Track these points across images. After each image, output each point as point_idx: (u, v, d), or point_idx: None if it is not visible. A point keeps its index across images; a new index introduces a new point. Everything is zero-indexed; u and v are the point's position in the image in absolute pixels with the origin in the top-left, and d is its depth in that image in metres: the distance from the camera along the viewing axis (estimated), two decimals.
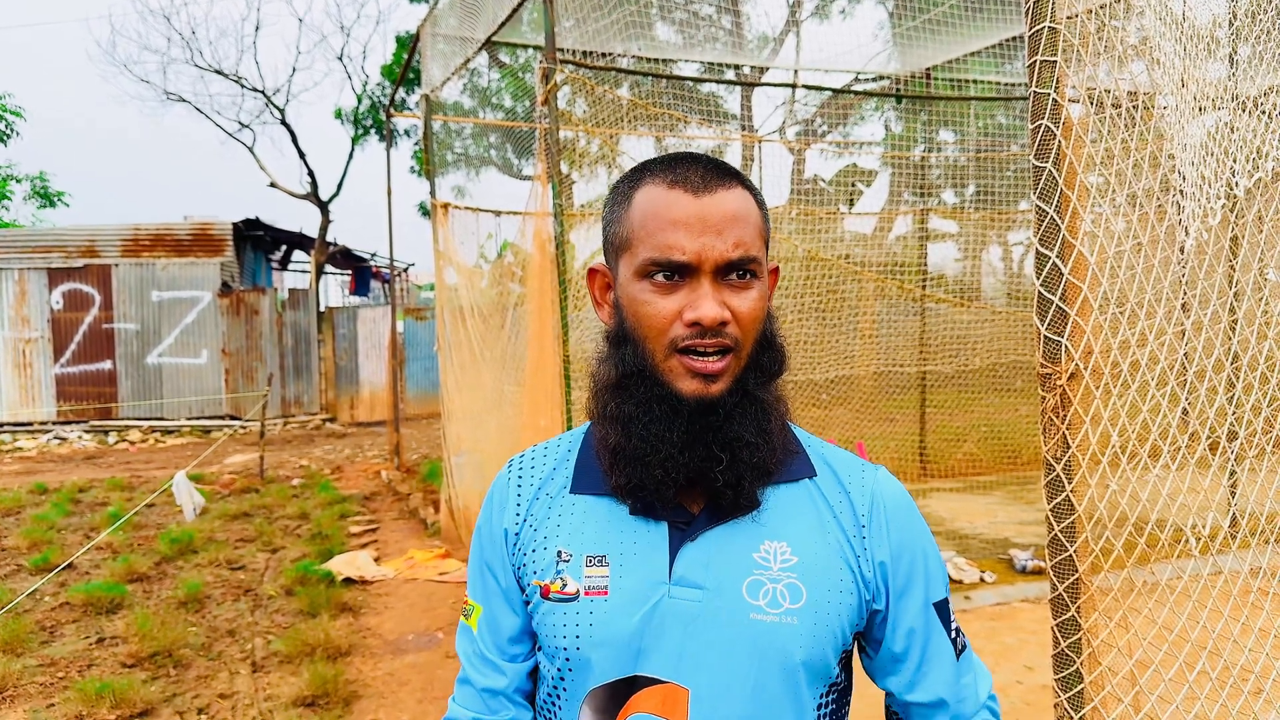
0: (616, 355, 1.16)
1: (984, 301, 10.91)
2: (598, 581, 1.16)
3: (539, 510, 1.24)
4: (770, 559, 1.15)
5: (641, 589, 1.14)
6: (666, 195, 1.11)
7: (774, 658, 1.12)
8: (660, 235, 1.10)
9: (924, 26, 8.69)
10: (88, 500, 10.27)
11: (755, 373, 1.15)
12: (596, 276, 1.23)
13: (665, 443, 1.12)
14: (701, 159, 1.15)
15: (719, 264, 1.09)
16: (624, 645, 1.14)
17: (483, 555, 1.29)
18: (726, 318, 1.09)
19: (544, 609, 1.19)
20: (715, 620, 1.12)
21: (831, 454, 1.26)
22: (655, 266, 1.10)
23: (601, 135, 7.15)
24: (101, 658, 5.40)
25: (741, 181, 1.15)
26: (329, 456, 13.95)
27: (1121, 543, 1.86)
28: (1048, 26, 1.76)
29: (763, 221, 1.17)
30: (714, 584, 1.13)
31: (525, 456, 1.32)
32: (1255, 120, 2.10)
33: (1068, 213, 1.77)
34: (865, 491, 1.22)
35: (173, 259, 17.36)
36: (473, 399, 7.76)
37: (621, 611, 1.14)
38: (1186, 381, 1.94)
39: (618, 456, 1.16)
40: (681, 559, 1.14)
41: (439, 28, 8.35)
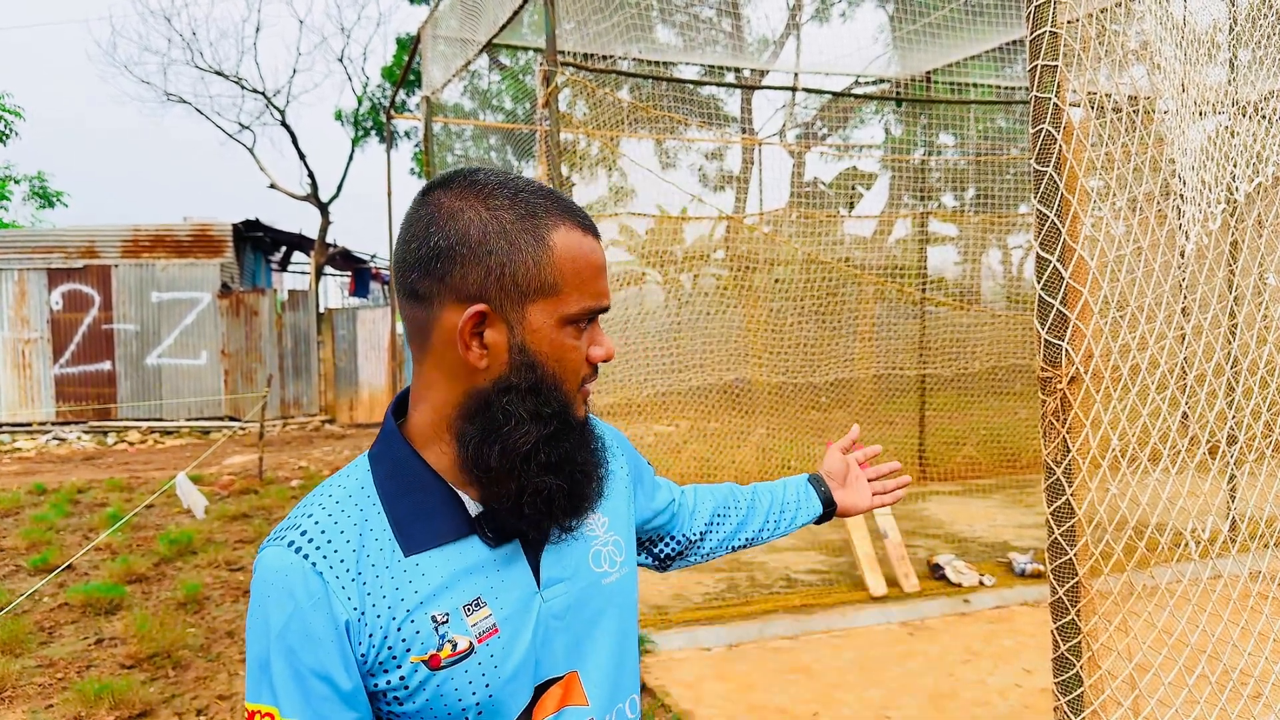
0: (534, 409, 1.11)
1: (984, 305, 10.92)
2: (485, 624, 1.12)
3: (374, 586, 1.09)
4: (596, 530, 1.29)
5: (523, 611, 1.15)
6: (586, 241, 1.14)
7: (626, 608, 1.30)
8: (594, 283, 1.13)
9: (924, 30, 8.70)
10: (87, 501, 10.26)
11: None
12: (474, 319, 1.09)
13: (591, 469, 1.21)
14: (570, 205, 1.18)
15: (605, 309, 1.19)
16: (528, 668, 1.15)
17: (297, 662, 1.07)
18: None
19: (436, 680, 1.09)
20: (583, 600, 1.22)
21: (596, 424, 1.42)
22: (588, 315, 1.13)
23: (602, 138, 7.15)
24: (100, 659, 5.39)
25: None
26: (328, 458, 13.94)
27: (1121, 546, 1.86)
28: (1049, 31, 1.77)
29: None
30: (571, 571, 1.22)
31: (305, 535, 1.10)
32: (1255, 125, 2.10)
33: (1068, 217, 1.77)
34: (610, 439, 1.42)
35: (172, 260, 17.36)
36: None
37: (516, 639, 1.14)
38: (1186, 385, 1.95)
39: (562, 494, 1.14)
40: (545, 565, 1.19)
41: (439, 30, 8.35)
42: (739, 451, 9.05)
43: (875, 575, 6.01)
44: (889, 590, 6.00)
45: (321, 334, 18.44)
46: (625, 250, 9.93)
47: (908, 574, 6.08)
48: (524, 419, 1.10)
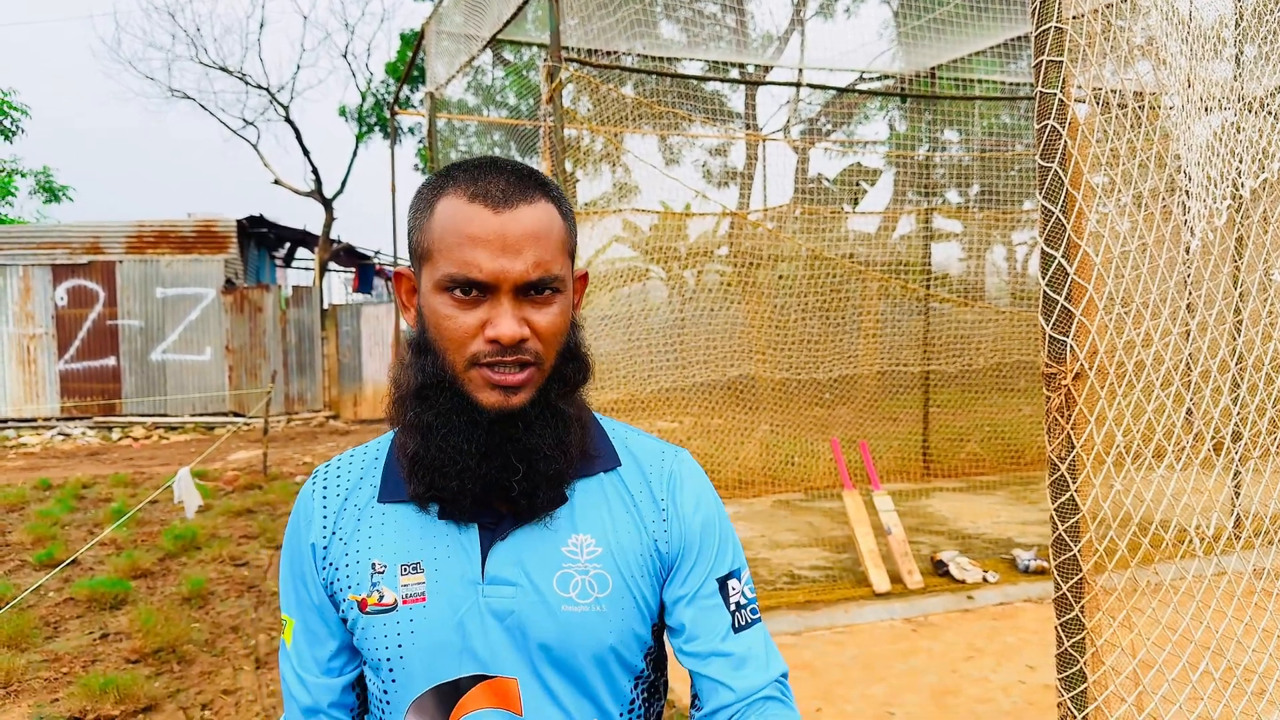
0: (418, 363, 1.17)
1: (988, 301, 10.91)
2: (415, 589, 1.17)
3: (346, 523, 1.23)
4: (578, 552, 1.19)
5: (457, 591, 1.17)
6: (466, 209, 1.11)
7: (588, 645, 1.17)
8: (459, 251, 1.10)
9: (929, 26, 8.69)
10: (91, 496, 10.28)
11: (558, 384, 1.18)
12: (403, 280, 1.22)
13: (462, 453, 1.13)
14: (506, 168, 1.14)
15: (517, 284, 1.10)
16: (446, 648, 1.16)
17: (292, 569, 1.26)
18: (525, 335, 1.11)
19: (363, 622, 1.19)
20: (530, 615, 1.16)
21: (635, 442, 1.31)
22: (453, 282, 1.11)
23: (606, 133, 7.15)
24: (105, 653, 5.41)
25: (546, 192, 1.15)
26: (332, 453, 13.96)
27: (1125, 543, 1.86)
28: (1054, 26, 1.76)
29: (566, 233, 1.17)
30: (526, 580, 1.17)
31: (330, 466, 1.30)
32: (1261, 120, 2.10)
33: (1073, 213, 1.77)
34: (664, 474, 1.27)
35: (177, 256, 17.38)
36: None
37: (441, 615, 1.16)
38: (1191, 382, 1.95)
39: (416, 464, 1.17)
40: (493, 558, 1.17)
41: (443, 25, 8.35)
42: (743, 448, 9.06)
43: (879, 571, 6.01)
44: (892, 587, 6.00)
45: (325, 330, 18.45)
46: (629, 246, 9.94)
47: (911, 570, 6.08)
48: (409, 366, 1.18)
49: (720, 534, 1.28)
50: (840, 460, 6.57)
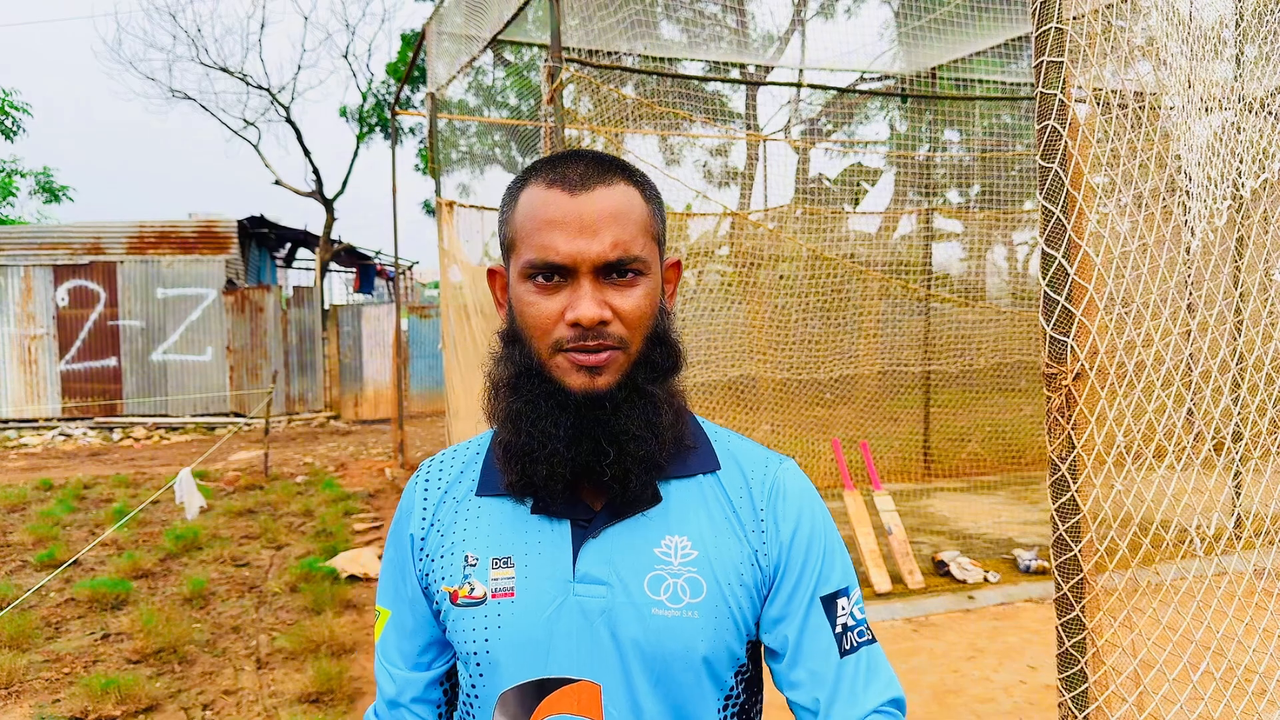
0: (508, 354, 1.18)
1: (988, 301, 10.90)
2: (504, 584, 1.16)
3: (445, 515, 1.25)
4: (671, 554, 1.15)
5: (547, 588, 1.15)
6: (544, 195, 1.11)
7: (678, 651, 1.12)
8: (537, 236, 1.10)
9: (929, 26, 8.69)
10: (92, 496, 10.29)
11: (645, 369, 1.14)
12: (496, 277, 1.24)
13: (551, 438, 1.12)
14: (585, 156, 1.15)
15: (596, 264, 1.09)
16: (533, 645, 1.14)
17: (392, 561, 1.29)
18: (606, 317, 1.09)
19: (454, 615, 1.19)
20: (620, 616, 1.13)
21: (738, 447, 1.26)
22: (534, 269, 1.11)
23: (606, 134, 7.15)
24: (107, 654, 5.41)
25: (627, 176, 1.14)
26: (333, 454, 13.97)
27: (1126, 543, 1.86)
28: (1054, 27, 1.76)
29: (650, 217, 1.16)
30: (617, 580, 1.14)
31: (435, 461, 1.32)
32: (1262, 121, 2.10)
33: (1074, 213, 1.77)
34: (766, 483, 1.21)
35: (178, 256, 17.38)
36: (476, 397, 7.77)
37: (529, 612, 1.15)
38: (1192, 382, 1.95)
39: (508, 453, 1.17)
40: (584, 556, 1.15)
41: (444, 26, 8.35)
42: None
43: (880, 571, 6.01)
44: (893, 587, 6.00)
45: (326, 330, 18.46)
46: None
47: (912, 570, 6.08)
48: (501, 359, 1.19)
49: (826, 549, 1.21)
50: (841, 460, 6.57)
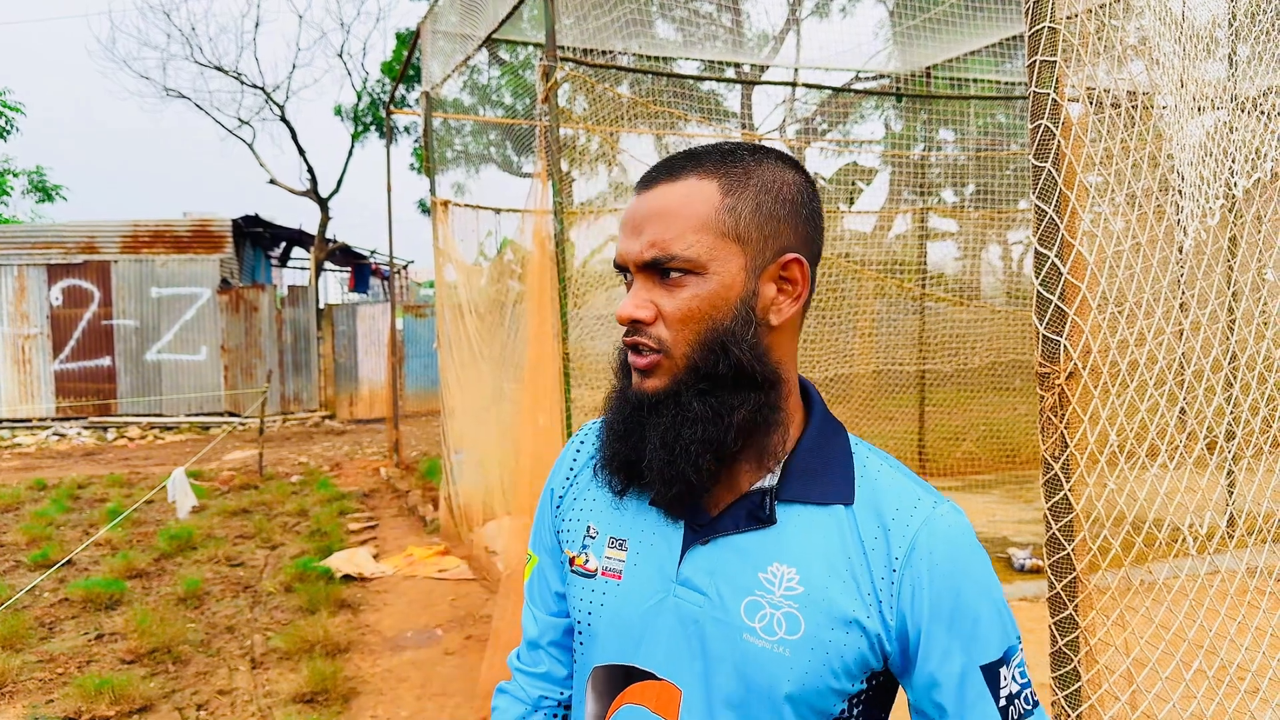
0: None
1: (983, 300, 10.92)
2: (615, 564, 1.17)
3: (584, 480, 1.27)
4: (775, 583, 1.08)
5: (651, 580, 1.14)
6: (635, 199, 1.11)
7: (760, 684, 1.07)
8: (620, 238, 1.11)
9: (924, 25, 8.69)
10: (87, 496, 10.27)
11: (695, 378, 1.07)
12: None
13: (611, 429, 1.14)
14: (683, 154, 1.10)
15: (637, 264, 1.07)
16: (628, 631, 1.14)
17: (539, 509, 1.34)
18: (639, 316, 1.06)
19: (569, 580, 1.23)
20: (711, 631, 1.09)
21: (885, 480, 1.12)
22: (616, 266, 1.13)
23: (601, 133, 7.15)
24: (100, 654, 5.40)
25: (707, 167, 1.07)
26: (328, 453, 13.95)
27: (1119, 541, 1.86)
28: (1047, 26, 1.77)
29: (725, 210, 1.05)
30: (715, 594, 1.09)
31: (594, 424, 1.33)
32: (1254, 120, 2.10)
33: (1067, 212, 1.77)
34: (908, 532, 1.07)
35: (172, 255, 17.34)
36: (472, 396, 7.76)
37: (630, 598, 1.15)
38: (1185, 381, 1.95)
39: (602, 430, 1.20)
40: (688, 561, 1.12)
41: (439, 25, 8.34)
42: None
43: None
44: None
45: (321, 330, 18.43)
46: None
47: None
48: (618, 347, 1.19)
49: (982, 614, 1.06)
50: None
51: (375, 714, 4.60)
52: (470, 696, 4.65)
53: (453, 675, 5.05)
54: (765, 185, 1.08)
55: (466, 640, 5.52)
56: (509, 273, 7.98)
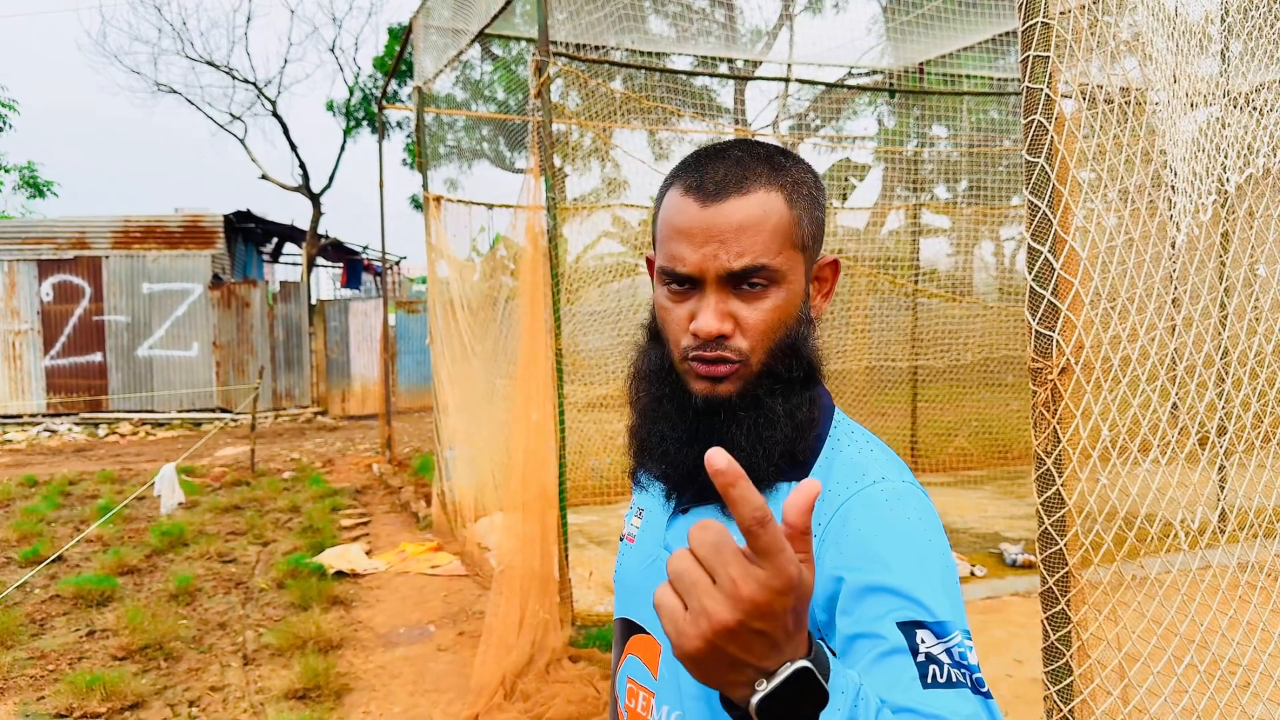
0: (649, 349, 1.21)
1: (976, 296, 10.93)
2: (633, 531, 1.32)
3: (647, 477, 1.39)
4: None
5: (651, 545, 1.26)
6: (680, 202, 1.11)
7: None
8: (670, 245, 1.11)
9: (917, 21, 8.70)
10: (78, 493, 10.23)
11: (769, 380, 1.12)
12: (651, 264, 1.23)
13: (667, 439, 1.15)
14: (732, 155, 1.11)
15: (720, 275, 1.07)
16: (633, 589, 1.27)
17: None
18: (725, 330, 1.08)
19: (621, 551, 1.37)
20: None
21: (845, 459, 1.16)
22: (666, 275, 1.12)
23: (595, 128, 7.14)
24: (92, 650, 5.39)
25: (769, 180, 1.10)
26: (320, 450, 13.92)
27: (1111, 537, 1.87)
28: (1041, 22, 1.76)
29: (792, 222, 1.10)
30: None
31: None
32: (1246, 116, 2.11)
33: (1060, 208, 1.77)
34: (838, 502, 1.09)
35: (163, 251, 17.28)
36: (465, 392, 7.76)
37: (636, 560, 1.28)
38: (1177, 377, 1.95)
39: (632, 439, 1.23)
40: (671, 527, 1.22)
41: (431, 19, 8.32)
42: None
43: None
44: None
45: (313, 326, 18.39)
46: (618, 242, 9.92)
47: None
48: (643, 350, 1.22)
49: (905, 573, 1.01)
50: None
51: (368, 710, 4.59)
52: (463, 692, 4.65)
53: (446, 671, 5.04)
54: (810, 193, 1.13)
55: (459, 636, 5.52)
56: (501, 268, 7.97)
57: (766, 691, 0.68)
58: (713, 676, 0.69)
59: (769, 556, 0.65)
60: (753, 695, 0.68)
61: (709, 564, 0.66)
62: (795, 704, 0.68)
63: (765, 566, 0.65)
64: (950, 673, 0.93)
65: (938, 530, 1.08)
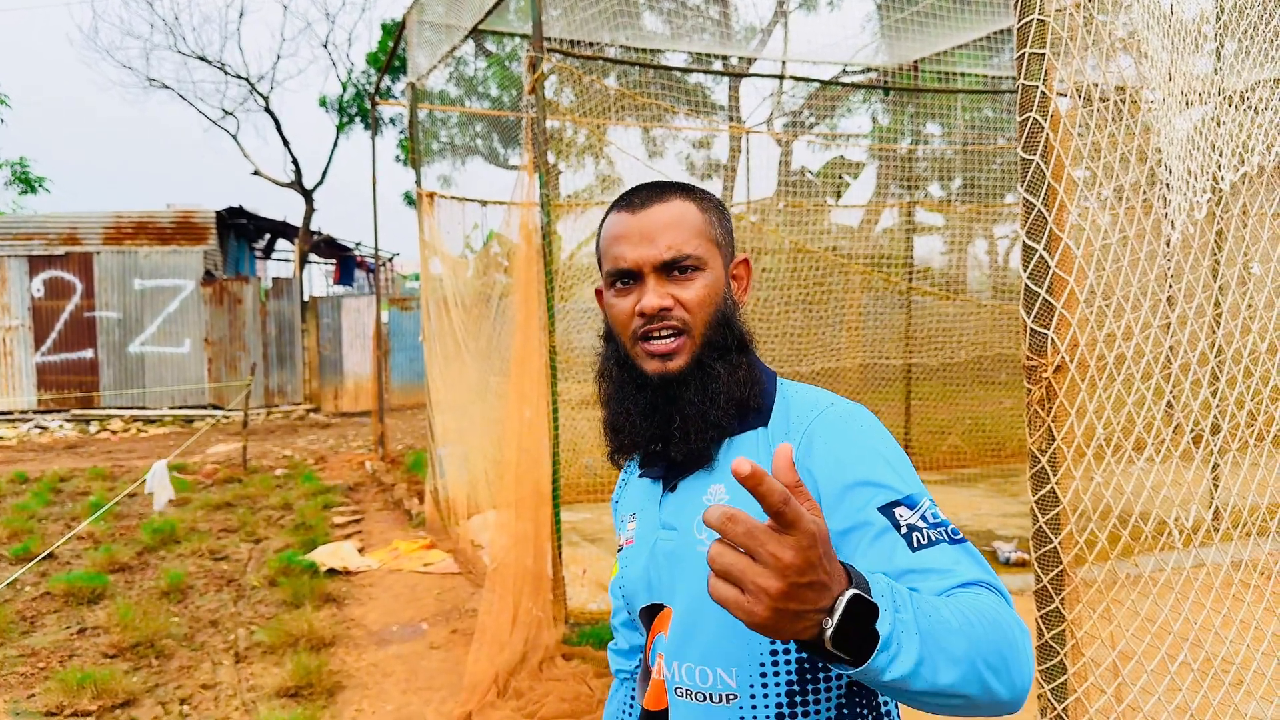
0: (606, 350, 1.44)
1: (969, 295, 10.95)
2: (630, 534, 1.47)
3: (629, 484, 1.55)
4: (712, 499, 1.34)
5: (648, 536, 1.42)
6: (616, 218, 1.38)
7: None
8: (611, 250, 1.36)
9: (912, 19, 8.70)
10: (69, 490, 10.20)
11: (710, 349, 1.34)
12: (600, 295, 1.46)
13: (630, 414, 1.37)
14: (655, 185, 1.39)
15: (655, 264, 1.32)
16: (641, 579, 1.43)
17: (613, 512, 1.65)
18: (668, 305, 1.31)
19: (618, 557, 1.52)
20: (684, 554, 1.35)
21: (797, 398, 1.37)
22: (612, 276, 1.36)
23: (589, 125, 7.13)
24: (83, 648, 5.37)
25: (683, 194, 1.38)
26: (312, 447, 13.89)
27: (1105, 535, 1.87)
28: (1036, 19, 1.76)
29: (707, 223, 1.37)
30: (681, 525, 1.36)
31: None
32: (1241, 115, 2.11)
33: (1055, 206, 1.77)
34: (804, 425, 1.31)
35: (155, 247, 17.22)
36: (458, 390, 7.74)
37: (638, 554, 1.44)
38: (1171, 375, 1.95)
39: (606, 427, 1.43)
40: (664, 507, 1.40)
41: (425, 15, 8.29)
42: None
43: None
44: None
45: (306, 322, 18.34)
46: None
47: None
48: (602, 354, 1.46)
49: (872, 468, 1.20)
50: None
51: (360, 708, 4.58)
52: (456, 690, 4.64)
53: (438, 669, 5.03)
54: (716, 206, 1.42)
55: (452, 634, 5.51)
56: (495, 265, 7.95)
57: (833, 628, 0.84)
58: (786, 632, 0.83)
59: (795, 524, 0.79)
60: (824, 634, 0.85)
61: (749, 548, 0.80)
62: (857, 623, 0.85)
63: (793, 533, 0.79)
64: (929, 534, 1.14)
65: (885, 431, 1.31)
